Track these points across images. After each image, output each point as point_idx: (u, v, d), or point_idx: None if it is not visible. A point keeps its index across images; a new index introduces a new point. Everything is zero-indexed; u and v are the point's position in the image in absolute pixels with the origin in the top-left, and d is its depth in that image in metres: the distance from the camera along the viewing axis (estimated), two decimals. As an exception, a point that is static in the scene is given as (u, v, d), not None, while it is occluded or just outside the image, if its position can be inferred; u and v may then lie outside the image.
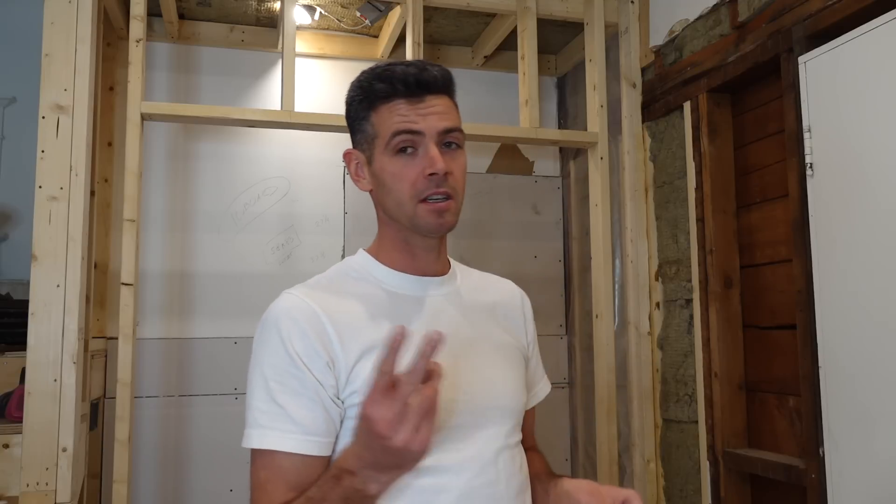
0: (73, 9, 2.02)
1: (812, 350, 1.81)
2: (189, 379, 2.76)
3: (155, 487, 2.69)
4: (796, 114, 1.88)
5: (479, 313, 1.13)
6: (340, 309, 1.01)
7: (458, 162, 1.05)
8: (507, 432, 1.06)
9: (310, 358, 0.96)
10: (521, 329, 1.20)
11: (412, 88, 1.02)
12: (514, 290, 1.24)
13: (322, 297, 1.02)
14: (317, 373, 0.96)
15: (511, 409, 1.08)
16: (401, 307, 1.06)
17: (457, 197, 1.04)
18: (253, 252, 2.88)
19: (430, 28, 2.96)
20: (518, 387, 1.12)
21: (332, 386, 0.97)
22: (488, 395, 1.06)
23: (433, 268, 1.10)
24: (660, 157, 2.57)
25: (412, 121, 1.01)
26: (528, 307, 1.24)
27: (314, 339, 0.97)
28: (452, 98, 1.08)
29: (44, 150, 1.97)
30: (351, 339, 0.98)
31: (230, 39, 2.94)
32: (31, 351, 1.90)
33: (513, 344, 1.15)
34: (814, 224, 1.81)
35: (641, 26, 2.64)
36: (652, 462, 2.51)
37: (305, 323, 0.98)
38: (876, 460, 1.63)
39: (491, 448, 1.03)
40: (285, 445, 0.94)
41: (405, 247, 1.08)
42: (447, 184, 1.02)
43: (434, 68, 1.05)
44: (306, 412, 0.95)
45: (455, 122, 1.05)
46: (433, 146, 1.01)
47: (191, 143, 2.88)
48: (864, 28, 1.67)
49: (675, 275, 2.46)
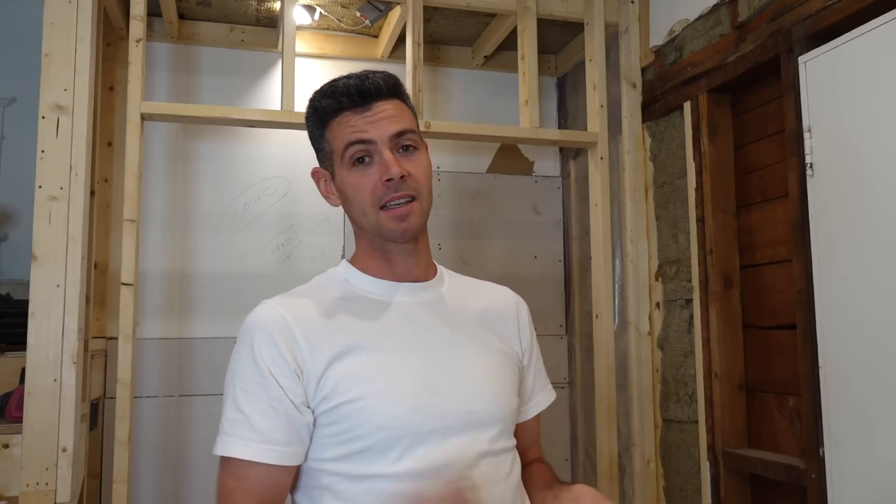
0: (73, 9, 2.02)
1: (812, 350, 1.81)
2: (189, 379, 2.76)
3: (155, 487, 2.69)
4: (796, 114, 1.88)
5: (464, 318, 1.11)
6: (313, 316, 1.02)
7: (417, 162, 1.05)
8: (490, 438, 1.04)
9: (277, 367, 0.97)
10: (513, 336, 1.18)
11: (356, 99, 1.04)
12: (508, 298, 1.22)
13: (297, 306, 1.04)
14: (283, 382, 0.97)
15: (495, 415, 1.06)
16: (374, 311, 1.06)
17: (421, 198, 1.04)
18: (253, 252, 2.88)
19: (430, 28, 2.96)
20: (506, 392, 1.09)
21: (300, 394, 0.97)
22: (467, 399, 1.03)
23: (413, 273, 1.10)
24: (660, 157, 2.57)
25: (362, 130, 1.03)
26: (524, 314, 1.22)
27: (283, 349, 0.98)
28: (403, 100, 1.08)
29: (44, 150, 1.97)
30: (322, 345, 0.99)
31: (230, 39, 2.94)
32: (31, 351, 1.90)
33: (503, 350, 1.13)
34: (814, 224, 1.81)
35: (641, 26, 2.64)
36: (652, 462, 2.51)
37: (276, 333, 0.99)
38: (876, 460, 1.63)
39: (470, 453, 1.00)
40: (245, 453, 0.96)
41: (381, 254, 1.09)
42: (406, 186, 1.02)
43: (377, 74, 1.05)
44: (268, 421, 0.96)
45: (406, 124, 1.05)
46: (387, 152, 1.02)
47: (191, 142, 2.88)
48: (864, 28, 1.67)
49: (675, 275, 2.46)
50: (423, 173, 1.05)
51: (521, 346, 1.18)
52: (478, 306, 1.15)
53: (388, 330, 1.04)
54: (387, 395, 0.97)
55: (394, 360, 1.01)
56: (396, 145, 1.04)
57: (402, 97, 1.09)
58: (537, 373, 1.22)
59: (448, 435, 0.99)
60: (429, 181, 1.07)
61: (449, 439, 0.99)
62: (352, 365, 0.98)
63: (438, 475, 0.97)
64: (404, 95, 1.09)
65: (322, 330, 1.01)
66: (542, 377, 1.24)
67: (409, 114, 1.09)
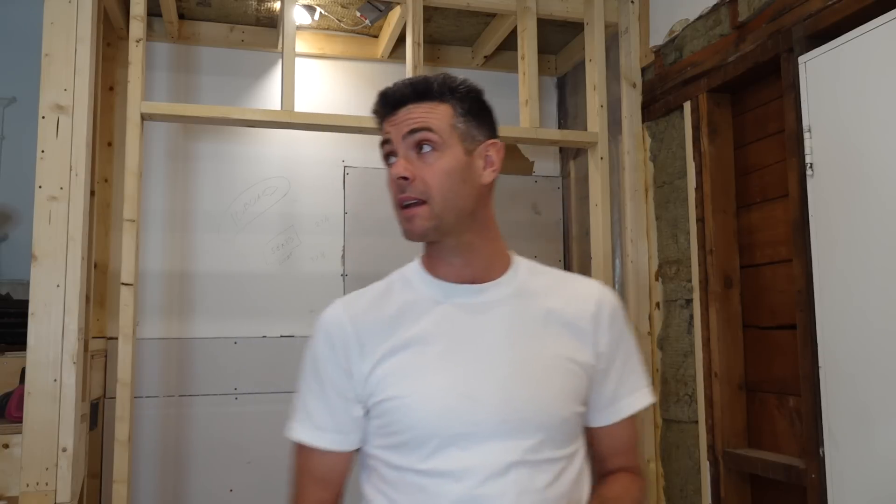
0: (73, 9, 2.02)
1: (812, 350, 1.80)
2: (189, 379, 2.76)
3: (155, 487, 2.69)
4: (796, 114, 1.88)
5: (522, 321, 1.08)
6: (370, 317, 1.09)
7: (432, 164, 1.03)
8: (529, 447, 1.01)
9: (331, 365, 1.08)
10: (586, 338, 1.10)
11: (384, 107, 1.08)
12: (589, 296, 1.14)
13: (358, 306, 1.11)
14: (335, 379, 1.07)
15: (537, 423, 1.03)
16: (425, 312, 1.08)
17: (431, 202, 1.03)
18: (253, 252, 2.88)
19: (430, 28, 2.96)
20: (557, 400, 1.05)
21: (350, 390, 1.07)
22: (504, 406, 1.02)
23: (464, 273, 1.09)
24: (660, 157, 2.57)
25: (386, 131, 1.07)
26: (605, 314, 1.13)
27: (338, 348, 1.08)
28: (442, 100, 1.07)
29: (44, 150, 1.97)
30: (372, 345, 1.06)
31: (230, 39, 2.94)
32: (31, 351, 1.90)
33: (564, 355, 1.08)
34: (814, 224, 1.81)
35: (641, 26, 2.64)
36: (652, 462, 2.51)
37: (334, 333, 1.09)
38: (876, 460, 1.62)
39: (500, 460, 1.00)
40: (300, 436, 1.08)
41: (433, 254, 1.11)
42: (412, 188, 1.03)
43: (409, 81, 1.08)
44: (320, 411, 1.08)
45: (424, 122, 1.04)
46: (402, 151, 1.05)
47: (191, 142, 2.88)
48: (864, 28, 1.67)
49: (675, 275, 2.46)
50: (436, 176, 1.03)
51: (595, 350, 1.11)
52: (545, 307, 1.10)
53: (433, 332, 1.06)
54: (418, 397, 1.02)
55: (433, 363, 1.04)
56: (411, 145, 1.04)
57: (439, 97, 1.07)
58: (625, 375, 1.15)
59: (478, 441, 1.00)
60: (446, 185, 1.04)
61: (479, 445, 1.00)
62: (395, 364, 1.05)
63: (461, 478, 1.00)
64: (443, 95, 1.07)
65: (374, 330, 1.07)
66: (634, 379, 1.16)
67: (441, 115, 1.06)
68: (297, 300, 2.88)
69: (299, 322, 2.87)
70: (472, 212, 1.07)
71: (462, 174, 1.05)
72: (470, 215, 1.07)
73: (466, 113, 1.08)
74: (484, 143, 1.09)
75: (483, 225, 1.10)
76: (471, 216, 1.07)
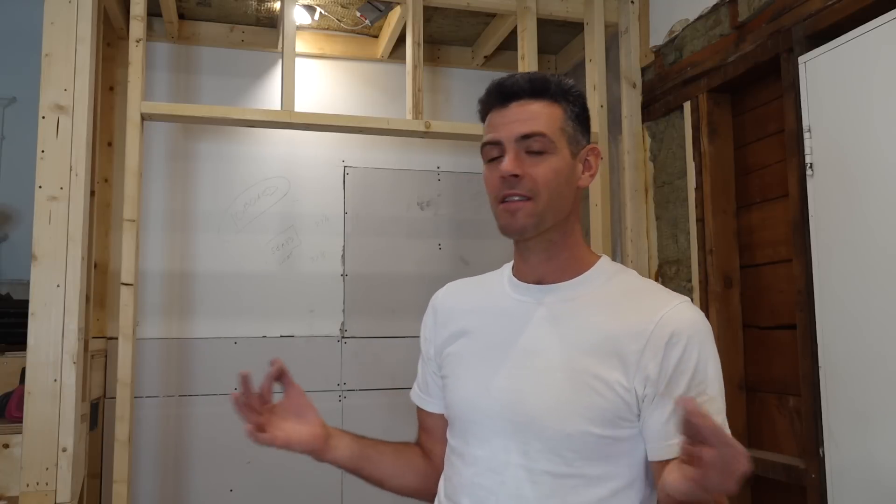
0: (73, 9, 2.02)
1: (812, 350, 1.80)
2: (189, 379, 2.76)
3: (155, 487, 2.69)
4: (796, 114, 1.88)
5: (570, 329, 1.06)
6: (456, 302, 1.23)
7: (541, 165, 1.06)
8: (529, 452, 1.02)
9: (424, 338, 1.27)
10: (630, 358, 1.01)
11: (497, 98, 1.10)
12: (653, 313, 1.03)
13: (454, 293, 1.26)
14: (426, 349, 1.26)
15: (543, 433, 1.02)
16: (492, 305, 1.17)
17: (537, 199, 1.06)
18: (253, 252, 2.88)
19: (430, 28, 2.96)
20: (571, 416, 1.01)
21: (433, 361, 1.24)
22: (514, 408, 1.05)
23: (538, 271, 1.12)
24: (660, 157, 2.57)
25: (494, 130, 1.09)
26: (664, 335, 1.01)
27: (429, 325, 1.25)
28: (556, 101, 1.08)
29: (44, 150, 1.97)
30: (446, 327, 1.21)
31: (230, 39, 2.94)
32: (31, 351, 1.90)
33: (596, 374, 1.01)
34: (814, 224, 1.81)
35: (641, 26, 2.64)
36: (652, 462, 2.51)
37: (431, 311, 1.27)
38: (876, 460, 1.62)
39: (501, 458, 1.06)
40: (412, 396, 1.30)
41: (519, 251, 1.16)
42: (520, 185, 1.06)
43: (526, 75, 1.11)
44: (420, 373, 1.28)
45: (538, 126, 1.06)
46: (511, 151, 1.07)
47: (191, 143, 2.88)
48: (864, 28, 1.67)
49: (675, 275, 2.46)
50: (545, 177, 1.05)
51: (642, 373, 1.00)
52: (594, 318, 1.06)
53: (489, 324, 1.15)
54: (458, 381, 1.15)
55: (479, 353, 1.14)
56: (524, 147, 1.06)
57: (553, 98, 1.08)
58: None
59: (488, 434, 1.08)
60: (553, 184, 1.06)
61: (488, 438, 1.08)
62: (454, 348, 1.18)
63: (471, 463, 1.09)
64: (557, 96, 1.09)
65: (453, 316, 1.21)
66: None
67: (553, 116, 1.07)
68: (297, 300, 2.88)
69: (299, 322, 2.87)
70: (568, 213, 1.10)
71: (567, 176, 1.09)
72: (565, 216, 1.10)
73: (575, 117, 1.11)
74: (586, 148, 1.12)
75: (570, 227, 1.13)
76: (565, 217, 1.10)
